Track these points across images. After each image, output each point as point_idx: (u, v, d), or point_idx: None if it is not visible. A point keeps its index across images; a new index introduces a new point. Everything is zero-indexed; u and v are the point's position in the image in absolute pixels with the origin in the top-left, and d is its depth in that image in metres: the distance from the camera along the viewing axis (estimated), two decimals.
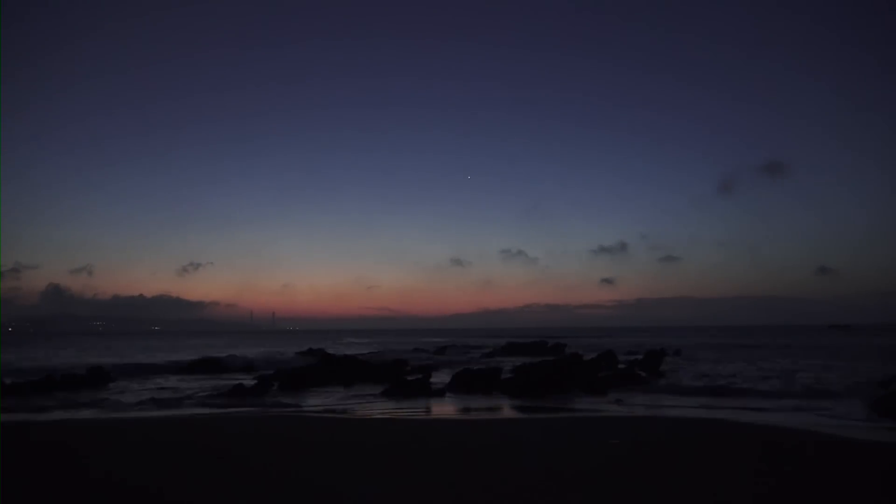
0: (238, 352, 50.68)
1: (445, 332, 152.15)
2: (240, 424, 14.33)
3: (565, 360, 26.42)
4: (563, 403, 19.25)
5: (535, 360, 28.16)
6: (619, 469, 8.75)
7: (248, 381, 24.73)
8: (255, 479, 8.00)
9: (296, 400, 20.78)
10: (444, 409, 18.43)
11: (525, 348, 52.55)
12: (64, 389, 23.80)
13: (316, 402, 20.25)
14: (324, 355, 38.37)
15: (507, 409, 18.32)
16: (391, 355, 42.72)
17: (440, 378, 25.60)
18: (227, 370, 35.16)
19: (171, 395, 22.45)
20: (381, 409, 18.10)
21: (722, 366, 34.38)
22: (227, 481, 7.96)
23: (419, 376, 24.52)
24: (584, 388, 22.07)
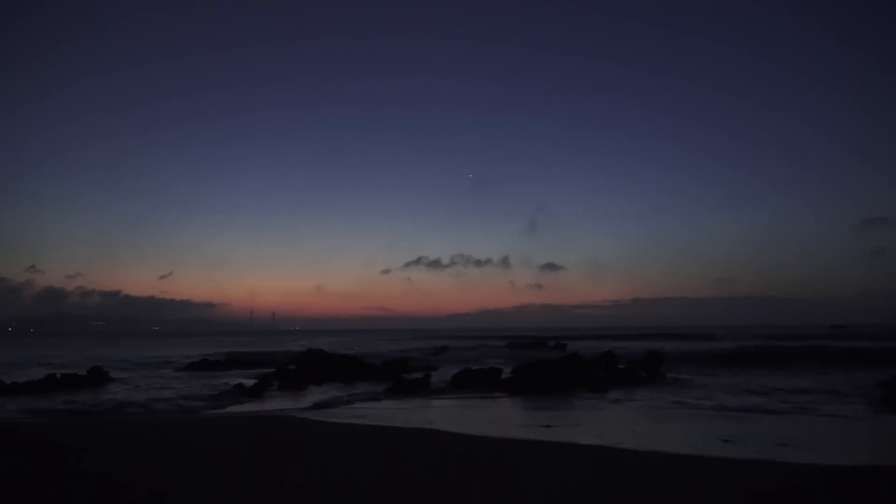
0: (238, 351, 50.71)
1: (444, 332, 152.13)
2: (239, 425, 14.33)
3: (565, 360, 26.33)
4: (564, 403, 19.22)
5: (535, 360, 28.11)
6: (620, 474, 8.74)
7: (248, 380, 24.73)
8: (253, 483, 8.00)
9: (296, 400, 20.77)
10: (443, 410, 18.39)
11: (525, 348, 52.51)
12: (64, 389, 23.81)
13: (315, 401, 20.22)
14: (324, 355, 38.35)
15: (506, 409, 18.30)
16: (390, 355, 42.69)
17: (440, 377, 25.61)
18: (226, 370, 35.16)
19: (171, 395, 22.46)
20: (381, 409, 18.08)
21: (720, 364, 34.30)
22: (226, 484, 7.96)
23: (419, 376, 24.56)
24: (585, 388, 22.07)
